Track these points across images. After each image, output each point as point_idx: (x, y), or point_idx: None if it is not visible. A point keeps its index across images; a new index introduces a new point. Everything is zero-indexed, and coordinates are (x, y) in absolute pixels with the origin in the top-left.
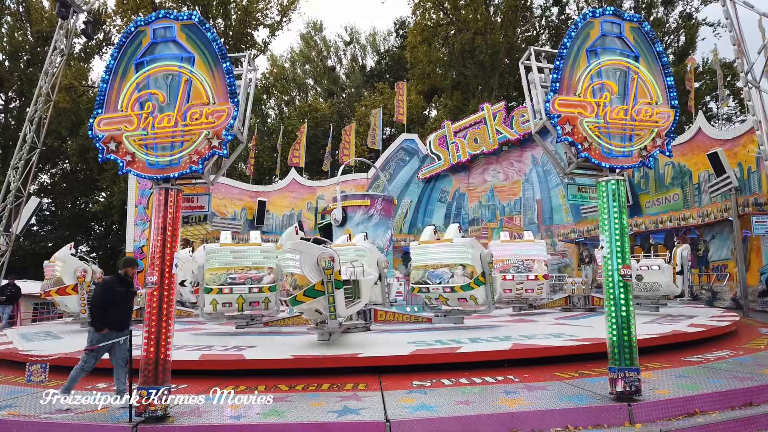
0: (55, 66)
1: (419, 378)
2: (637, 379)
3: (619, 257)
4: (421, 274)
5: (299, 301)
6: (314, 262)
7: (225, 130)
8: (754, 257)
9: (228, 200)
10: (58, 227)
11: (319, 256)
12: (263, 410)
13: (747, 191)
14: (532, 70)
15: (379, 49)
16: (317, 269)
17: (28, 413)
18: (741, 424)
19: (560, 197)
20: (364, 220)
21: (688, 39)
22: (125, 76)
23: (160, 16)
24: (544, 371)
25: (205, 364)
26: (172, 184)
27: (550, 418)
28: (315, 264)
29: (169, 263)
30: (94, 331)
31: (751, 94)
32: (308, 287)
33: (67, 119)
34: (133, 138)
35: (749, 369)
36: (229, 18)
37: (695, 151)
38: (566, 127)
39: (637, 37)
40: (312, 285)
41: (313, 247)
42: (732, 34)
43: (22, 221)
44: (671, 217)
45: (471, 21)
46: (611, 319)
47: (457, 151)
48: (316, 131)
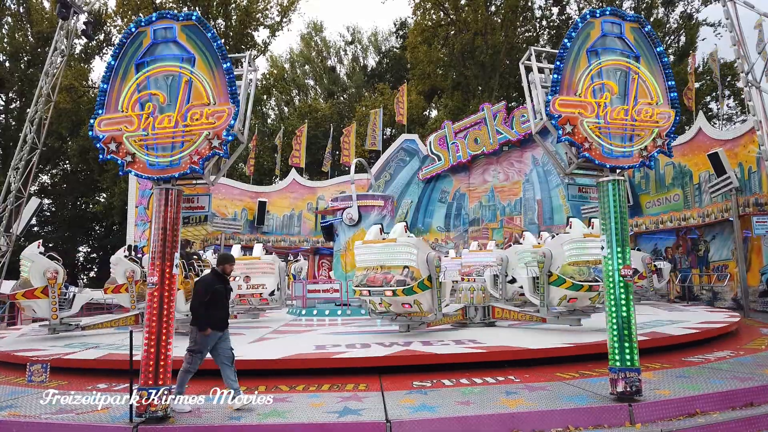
0: (55, 66)
1: (420, 378)
2: (637, 380)
3: (619, 258)
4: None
5: (414, 291)
6: (425, 259)
7: (225, 130)
8: (755, 257)
9: (228, 201)
10: (58, 228)
11: (430, 254)
12: (264, 411)
13: (747, 191)
14: (532, 70)
15: (381, 49)
16: (427, 266)
17: (29, 414)
18: (742, 424)
19: (561, 197)
20: (378, 221)
21: (689, 39)
22: (126, 77)
23: (160, 16)
24: (544, 371)
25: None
26: (173, 184)
27: (551, 419)
28: (425, 261)
29: (170, 264)
30: (197, 331)
31: (751, 94)
32: (420, 281)
33: (68, 120)
34: (134, 138)
35: (750, 369)
36: (230, 18)
37: (696, 152)
38: (567, 128)
39: (638, 38)
40: (422, 279)
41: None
42: (732, 34)
43: (22, 222)
44: (672, 217)
45: (471, 21)
46: (612, 320)
47: (458, 151)
48: (317, 132)
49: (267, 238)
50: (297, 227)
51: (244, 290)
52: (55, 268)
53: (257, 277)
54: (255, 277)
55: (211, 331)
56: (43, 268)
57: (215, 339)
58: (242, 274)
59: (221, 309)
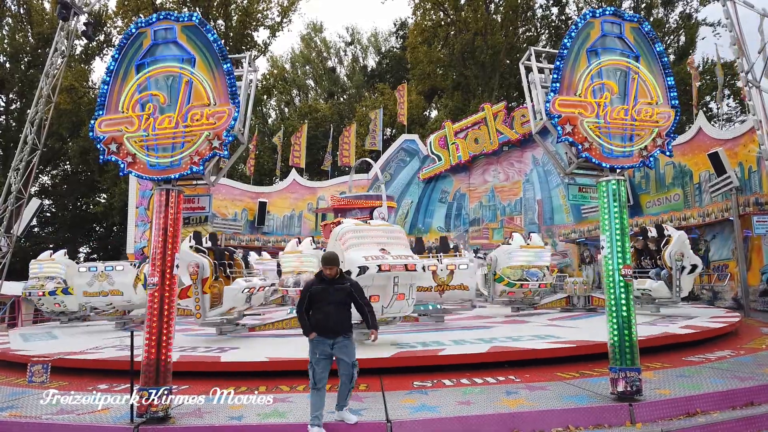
0: (55, 67)
1: (420, 378)
2: (638, 379)
3: (619, 257)
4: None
5: None
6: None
7: (226, 131)
8: (755, 257)
9: (229, 201)
10: (58, 229)
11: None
12: (264, 411)
13: (748, 191)
14: (532, 70)
15: (380, 49)
16: None
17: (30, 414)
18: (742, 423)
19: (561, 197)
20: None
21: (688, 39)
22: (126, 78)
23: (160, 17)
24: (545, 371)
25: (204, 366)
26: (173, 185)
27: (551, 418)
28: None
29: (170, 264)
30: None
31: (751, 94)
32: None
33: (68, 120)
34: (134, 139)
35: (750, 369)
36: (230, 19)
37: (696, 151)
38: (567, 128)
39: (638, 37)
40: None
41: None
42: (732, 33)
43: (22, 223)
44: (672, 217)
45: (471, 21)
46: (612, 319)
47: (458, 151)
48: (317, 132)
49: (267, 239)
50: (297, 227)
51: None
52: (197, 262)
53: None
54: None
55: (315, 335)
56: (186, 263)
57: (324, 346)
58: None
59: (319, 312)
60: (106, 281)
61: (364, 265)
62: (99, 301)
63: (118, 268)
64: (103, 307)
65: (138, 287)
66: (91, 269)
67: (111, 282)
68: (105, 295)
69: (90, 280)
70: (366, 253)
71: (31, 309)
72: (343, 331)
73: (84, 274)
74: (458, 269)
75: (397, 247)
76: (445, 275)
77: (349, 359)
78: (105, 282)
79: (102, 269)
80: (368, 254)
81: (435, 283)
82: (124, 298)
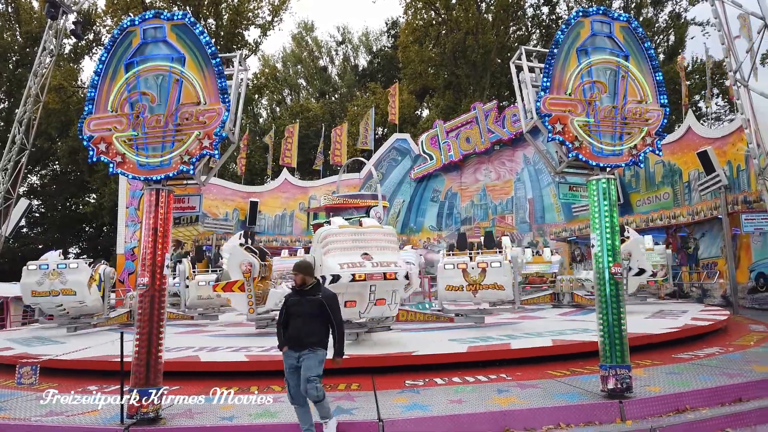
0: (44, 66)
1: (412, 377)
2: (628, 377)
3: (609, 255)
4: None
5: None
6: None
7: (216, 130)
8: (744, 254)
9: (220, 201)
10: (48, 229)
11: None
12: (255, 411)
13: (736, 189)
14: (523, 69)
15: (372, 48)
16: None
17: (19, 416)
18: (731, 419)
19: (552, 196)
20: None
21: (678, 38)
22: (115, 77)
23: (150, 16)
24: (536, 369)
25: (198, 366)
26: (163, 185)
27: (543, 416)
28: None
29: (161, 264)
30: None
31: (739, 93)
32: None
33: (57, 120)
34: (124, 139)
35: (739, 365)
36: (221, 18)
37: (685, 150)
38: (557, 126)
39: (627, 37)
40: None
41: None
42: (721, 33)
43: (11, 223)
44: (662, 215)
45: (462, 20)
46: (602, 317)
47: (449, 150)
48: (308, 131)
49: (259, 239)
50: (289, 227)
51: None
52: (250, 261)
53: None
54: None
55: (287, 348)
56: (239, 261)
57: (292, 360)
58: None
59: (292, 324)
60: (57, 279)
61: (336, 274)
62: (48, 302)
63: (72, 265)
64: (51, 308)
65: (92, 287)
66: (42, 267)
67: (63, 281)
68: (56, 295)
69: (40, 278)
70: (344, 260)
71: (20, 311)
72: (309, 344)
73: (33, 272)
74: (490, 267)
75: (384, 252)
76: (476, 273)
77: (305, 373)
78: (57, 280)
79: (54, 267)
80: (346, 261)
81: (466, 282)
82: (76, 298)
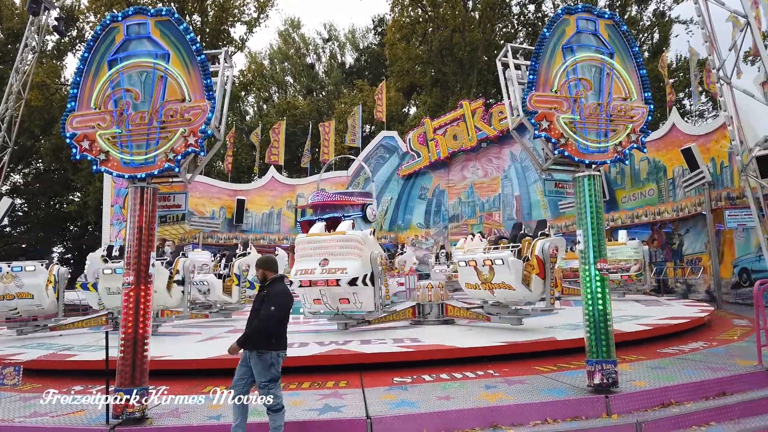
0: (26, 63)
1: (400, 374)
2: (614, 372)
3: (595, 252)
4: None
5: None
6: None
7: (201, 127)
8: (727, 250)
9: (206, 199)
10: (31, 228)
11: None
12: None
13: (720, 186)
14: (509, 66)
15: (359, 46)
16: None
17: (2, 417)
18: (715, 413)
19: (538, 193)
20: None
21: (662, 36)
22: (98, 74)
23: (133, 12)
24: (523, 365)
25: (184, 364)
26: (148, 182)
27: (530, 412)
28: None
29: (146, 263)
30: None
31: (722, 91)
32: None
33: (40, 118)
34: (107, 136)
35: (722, 360)
36: (206, 14)
37: (669, 147)
38: (543, 124)
39: (612, 34)
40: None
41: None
42: (704, 31)
43: None
44: (647, 211)
45: (449, 18)
46: (588, 313)
47: (437, 148)
48: (295, 129)
49: (246, 237)
50: (276, 225)
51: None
52: (249, 263)
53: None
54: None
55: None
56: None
57: (245, 361)
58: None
59: (250, 323)
60: (12, 283)
61: (291, 279)
62: (2, 305)
63: (29, 268)
64: (5, 312)
65: (49, 290)
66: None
67: (19, 284)
68: (10, 299)
69: None
70: (303, 266)
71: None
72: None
73: None
74: (495, 265)
75: (343, 258)
76: (486, 271)
77: (257, 379)
78: (12, 284)
79: (8, 270)
80: (303, 267)
81: (480, 280)
82: (34, 302)
